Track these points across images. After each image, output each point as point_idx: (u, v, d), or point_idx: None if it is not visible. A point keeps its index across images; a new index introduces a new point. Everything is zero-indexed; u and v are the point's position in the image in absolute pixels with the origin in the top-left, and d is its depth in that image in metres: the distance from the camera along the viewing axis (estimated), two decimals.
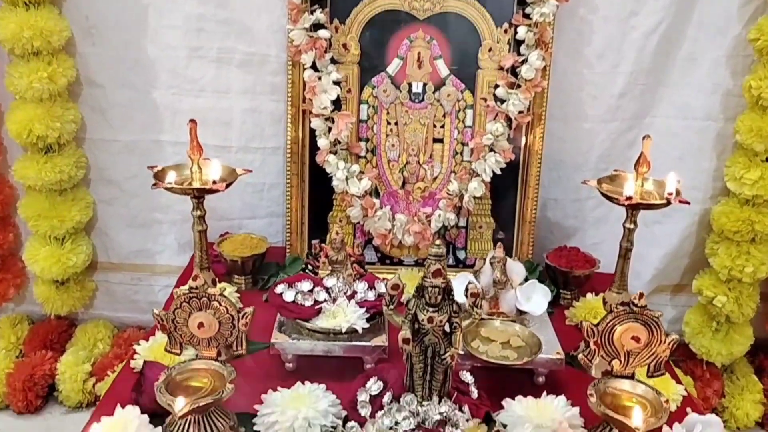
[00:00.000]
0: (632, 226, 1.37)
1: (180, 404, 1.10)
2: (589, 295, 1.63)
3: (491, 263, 1.45)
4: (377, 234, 1.67)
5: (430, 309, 1.13)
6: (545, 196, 1.82)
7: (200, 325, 1.19)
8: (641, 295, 1.19)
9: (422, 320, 1.13)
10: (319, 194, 1.71)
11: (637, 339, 1.20)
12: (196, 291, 1.18)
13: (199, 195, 1.34)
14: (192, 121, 1.30)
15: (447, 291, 1.13)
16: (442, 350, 1.14)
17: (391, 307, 1.15)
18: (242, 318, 1.19)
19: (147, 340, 1.40)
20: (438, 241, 1.13)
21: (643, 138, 1.32)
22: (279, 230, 1.84)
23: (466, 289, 1.14)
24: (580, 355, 1.23)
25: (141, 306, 1.92)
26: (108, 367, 1.74)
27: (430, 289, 1.11)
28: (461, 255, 1.75)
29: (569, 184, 1.83)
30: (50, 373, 1.77)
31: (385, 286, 1.14)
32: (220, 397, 1.14)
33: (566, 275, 1.67)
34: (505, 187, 1.72)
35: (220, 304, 1.18)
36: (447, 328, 1.15)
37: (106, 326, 1.92)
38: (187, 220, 1.46)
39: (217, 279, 1.62)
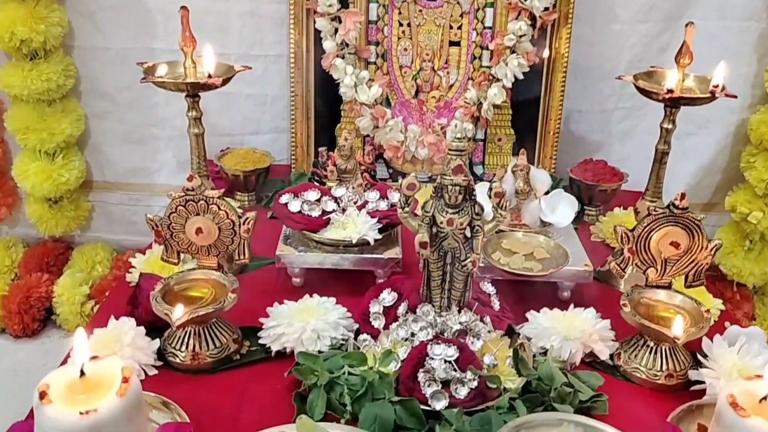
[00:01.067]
0: (670, 126, 1.25)
1: (178, 312, 1.01)
2: (617, 209, 1.52)
3: (513, 172, 1.34)
4: (389, 147, 1.56)
5: (450, 210, 1.02)
6: (569, 108, 1.69)
7: (198, 230, 1.09)
8: (683, 196, 1.07)
9: (441, 223, 1.02)
10: (325, 105, 1.59)
11: (676, 245, 1.09)
12: (193, 193, 1.07)
13: (193, 92, 1.21)
14: (183, 8, 1.17)
15: (468, 191, 1.02)
16: (462, 256, 1.04)
17: (406, 209, 1.04)
18: (244, 224, 1.09)
19: (144, 253, 1.31)
20: (459, 134, 1.01)
21: (687, 25, 1.18)
22: (284, 147, 1.73)
23: (490, 189, 1.03)
24: (612, 264, 1.13)
25: (140, 228, 1.81)
26: (107, 290, 1.66)
27: (450, 187, 1.00)
28: (479, 170, 1.63)
29: (596, 94, 1.71)
30: (47, 296, 1.70)
31: (400, 185, 1.03)
32: (222, 306, 1.05)
33: (592, 190, 1.55)
34: (527, 96, 1.59)
35: (220, 208, 1.08)
36: (468, 232, 1.04)
37: (104, 249, 1.83)
38: (186, 137, 1.35)
39: None
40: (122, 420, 0.83)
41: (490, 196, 1.03)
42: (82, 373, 0.85)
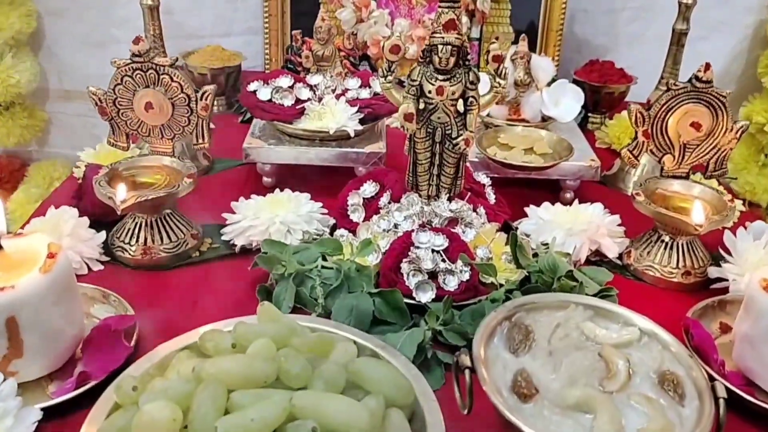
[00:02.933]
0: (690, 1, 1.10)
1: (122, 192, 0.87)
2: (624, 113, 1.38)
3: (512, 60, 1.19)
4: (373, 42, 1.40)
5: (440, 77, 0.87)
6: (573, 7, 1.54)
7: (148, 106, 0.94)
8: (707, 66, 0.93)
9: (429, 92, 0.88)
10: None
11: (697, 126, 0.96)
12: (140, 60, 0.92)
13: None
14: None
15: (462, 53, 0.87)
16: (453, 133, 0.90)
17: (389, 77, 0.89)
18: (202, 98, 0.94)
19: (95, 148, 1.16)
20: None
21: None
22: (259, 51, 1.57)
23: (488, 52, 0.88)
24: (624, 150, 0.99)
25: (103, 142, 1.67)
26: None
27: (440, 48, 0.85)
28: None
29: None
30: None
31: (382, 48, 0.89)
32: (176, 191, 0.91)
33: (597, 93, 1.41)
34: None
35: (173, 79, 0.93)
36: (460, 106, 0.90)
37: (64, 165, 1.68)
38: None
39: None
40: (46, 301, 0.70)
41: (487, 61, 0.89)
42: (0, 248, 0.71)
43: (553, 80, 1.25)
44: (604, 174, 1.23)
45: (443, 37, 0.85)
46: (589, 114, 1.44)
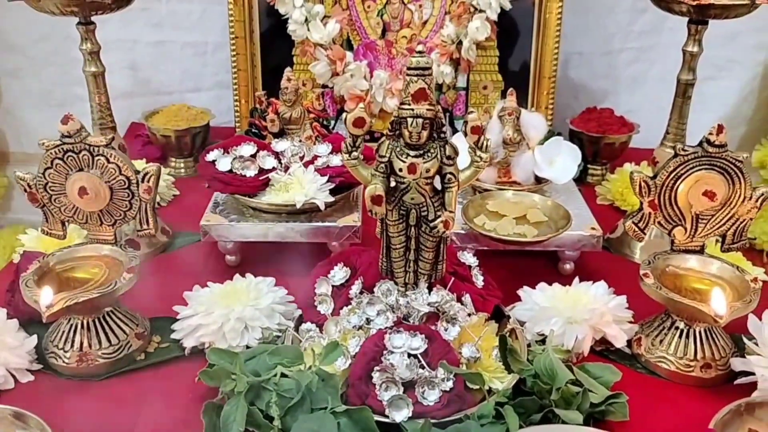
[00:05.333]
0: (696, 49, 0.99)
1: (47, 298, 0.75)
2: (627, 165, 1.27)
3: (500, 117, 1.08)
4: (351, 97, 1.29)
5: (412, 153, 0.76)
6: (568, 50, 1.43)
7: (82, 191, 0.83)
8: (720, 129, 0.82)
9: (400, 170, 0.76)
10: (274, 49, 1.32)
11: (711, 195, 0.84)
12: (71, 141, 0.81)
13: (85, 16, 0.94)
14: None
15: (436, 126, 0.76)
16: (430, 214, 0.78)
17: (354, 153, 0.78)
18: (144, 181, 0.83)
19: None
20: (420, 47, 0.75)
21: None
22: (230, 106, 1.46)
23: (465, 123, 0.77)
24: (628, 223, 0.87)
25: None
26: None
27: (410, 121, 0.74)
28: (460, 125, 1.37)
29: (598, 33, 1.44)
30: None
31: (345, 122, 0.77)
32: (113, 291, 0.79)
33: (596, 143, 1.30)
34: (517, 35, 1.33)
35: (109, 161, 0.82)
36: (437, 184, 0.78)
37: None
38: (116, 97, 1.08)
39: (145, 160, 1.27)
40: None
41: (465, 134, 0.77)
42: None
43: (549, 135, 1.14)
44: (607, 237, 1.11)
45: (413, 109, 0.74)
46: (589, 166, 1.33)
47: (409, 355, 0.74)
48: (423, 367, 0.73)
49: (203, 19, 1.43)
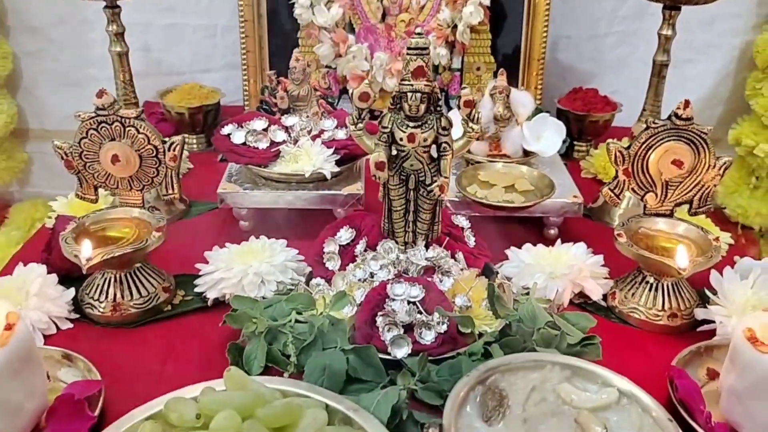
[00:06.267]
0: (670, 32, 1.08)
1: (87, 250, 0.85)
2: (610, 141, 1.36)
3: (491, 95, 1.17)
4: (352, 77, 1.38)
5: (411, 124, 0.85)
6: (556, 33, 1.52)
7: (115, 158, 0.92)
8: (687, 104, 0.91)
9: (401, 139, 0.86)
10: (281, 32, 1.40)
11: (679, 163, 0.93)
12: (105, 113, 0.90)
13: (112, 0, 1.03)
14: None
15: (433, 100, 0.85)
16: (427, 179, 0.88)
17: (360, 125, 0.87)
18: (170, 149, 0.92)
19: (67, 197, 1.14)
20: (419, 29, 0.84)
21: None
22: (239, 86, 1.55)
23: (459, 98, 0.86)
24: (605, 190, 0.97)
25: None
26: None
27: (410, 95, 0.83)
28: (455, 104, 1.46)
29: (585, 18, 1.53)
30: None
31: (350, 95, 0.87)
32: (144, 246, 0.88)
33: (582, 121, 1.40)
34: (509, 19, 1.42)
35: (139, 131, 0.91)
36: (433, 152, 0.88)
37: (45, 205, 1.64)
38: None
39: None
40: (3, 375, 0.67)
41: (459, 107, 0.86)
42: None
43: (536, 112, 1.23)
44: (589, 207, 1.21)
45: (412, 85, 0.83)
46: (575, 142, 1.42)
47: (409, 302, 0.83)
48: (420, 313, 0.83)
49: (213, 3, 1.51)
